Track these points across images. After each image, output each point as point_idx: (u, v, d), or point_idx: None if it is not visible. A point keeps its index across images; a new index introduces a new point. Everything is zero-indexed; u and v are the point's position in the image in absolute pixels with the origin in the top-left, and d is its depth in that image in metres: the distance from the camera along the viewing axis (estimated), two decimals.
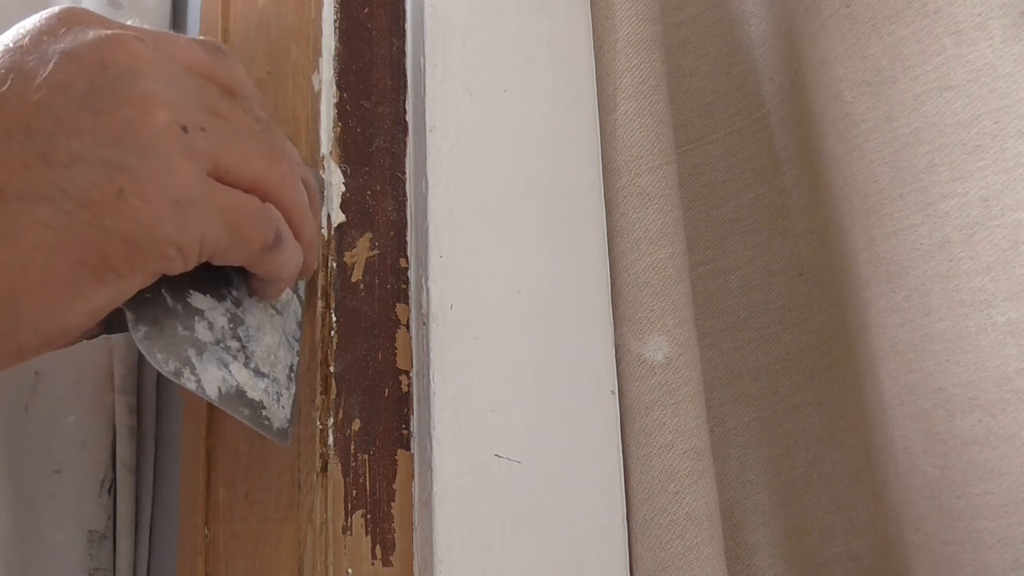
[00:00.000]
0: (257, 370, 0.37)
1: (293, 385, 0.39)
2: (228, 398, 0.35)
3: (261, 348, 0.37)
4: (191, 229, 0.30)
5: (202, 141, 0.31)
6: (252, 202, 0.33)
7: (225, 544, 0.42)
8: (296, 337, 0.40)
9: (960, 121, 0.45)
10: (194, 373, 0.34)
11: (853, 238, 0.49)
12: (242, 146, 0.32)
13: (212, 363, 0.35)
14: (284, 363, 0.38)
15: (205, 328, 0.35)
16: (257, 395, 0.37)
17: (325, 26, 0.44)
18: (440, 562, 0.39)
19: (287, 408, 0.38)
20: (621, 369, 0.49)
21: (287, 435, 0.38)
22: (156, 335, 0.33)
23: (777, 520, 0.57)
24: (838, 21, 0.49)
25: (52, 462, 0.48)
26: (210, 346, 0.35)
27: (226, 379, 0.35)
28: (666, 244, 0.50)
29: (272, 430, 0.37)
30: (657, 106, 0.52)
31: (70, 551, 0.47)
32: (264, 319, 0.38)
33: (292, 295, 0.40)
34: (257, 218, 0.33)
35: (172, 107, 0.30)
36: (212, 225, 0.31)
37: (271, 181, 0.34)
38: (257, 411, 0.37)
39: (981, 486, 0.43)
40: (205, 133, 0.31)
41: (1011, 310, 0.43)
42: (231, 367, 0.36)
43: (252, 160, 0.33)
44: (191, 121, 0.31)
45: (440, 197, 0.43)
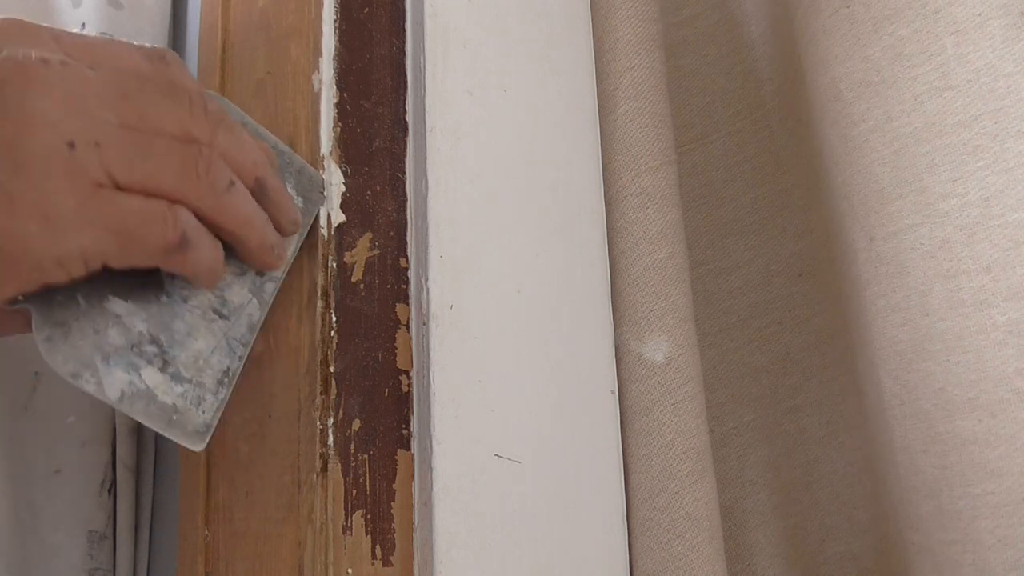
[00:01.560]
0: (176, 375, 0.37)
1: (224, 390, 0.39)
2: (132, 400, 0.35)
3: (187, 353, 0.37)
4: (65, 242, 0.31)
5: (92, 156, 0.31)
6: (148, 207, 0.33)
7: (225, 544, 0.42)
8: (244, 342, 0.39)
9: (960, 121, 0.45)
10: (95, 376, 0.35)
11: (853, 238, 0.49)
12: (148, 160, 0.33)
13: (119, 367, 0.35)
14: (216, 368, 0.38)
15: (118, 333, 0.35)
16: (170, 399, 0.37)
17: (325, 26, 0.44)
18: (440, 562, 0.39)
19: (208, 413, 0.38)
20: (621, 369, 0.49)
21: (202, 438, 0.38)
22: (60, 338, 0.34)
23: (777, 520, 0.57)
24: (838, 21, 0.49)
25: (52, 462, 0.48)
26: (120, 350, 0.35)
27: (133, 383, 0.36)
28: (666, 244, 0.50)
29: (184, 432, 0.37)
30: (657, 106, 0.52)
31: (70, 551, 0.47)
32: (199, 324, 0.38)
33: (250, 298, 0.39)
34: (153, 223, 0.33)
35: (57, 125, 0.31)
36: (93, 237, 0.32)
37: (183, 192, 0.34)
38: (167, 414, 0.37)
39: (981, 486, 0.43)
40: (99, 148, 0.31)
41: (1011, 310, 0.43)
42: (142, 371, 0.36)
43: (159, 173, 0.33)
44: (82, 137, 0.31)
45: (440, 197, 0.43)
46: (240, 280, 0.39)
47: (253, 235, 0.37)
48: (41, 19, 0.52)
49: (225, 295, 0.39)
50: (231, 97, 0.48)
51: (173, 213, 0.33)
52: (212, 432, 0.38)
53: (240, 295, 0.39)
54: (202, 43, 0.51)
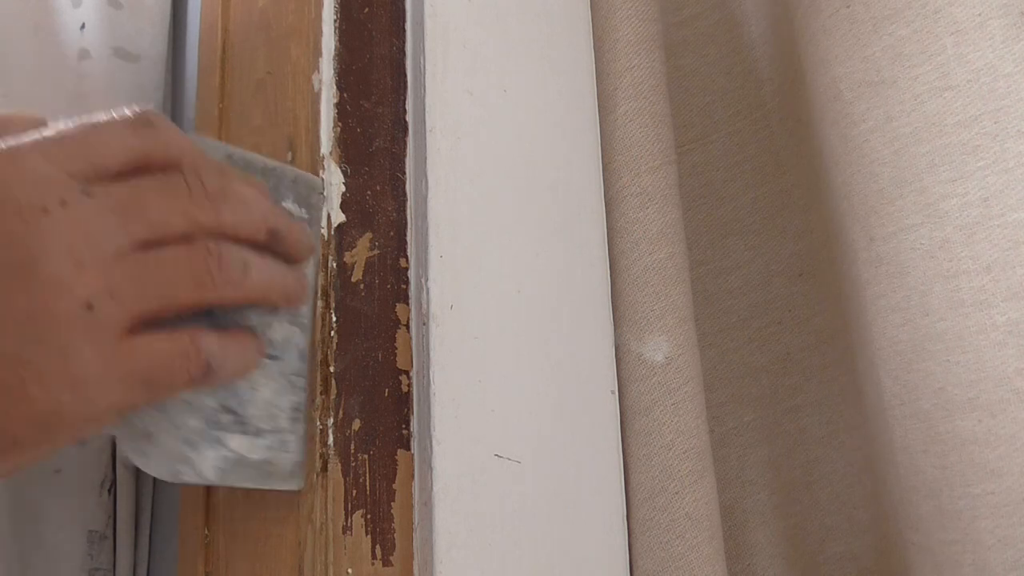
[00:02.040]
0: (256, 431, 0.38)
1: (300, 425, 0.39)
2: (228, 473, 0.36)
3: (258, 407, 0.38)
4: (95, 403, 0.31)
5: (111, 310, 0.31)
6: (171, 347, 0.33)
7: (225, 544, 0.42)
8: (300, 373, 0.40)
9: (960, 121, 0.45)
10: (192, 467, 0.36)
11: (853, 238, 0.49)
12: (163, 286, 0.33)
13: (208, 447, 0.36)
14: (287, 408, 0.39)
15: (193, 418, 0.36)
16: (259, 455, 0.38)
17: (325, 26, 0.44)
18: (440, 562, 0.39)
19: (295, 451, 0.39)
20: (621, 369, 0.49)
21: (298, 477, 0.39)
22: (149, 447, 0.35)
23: (777, 520, 0.57)
24: (838, 21, 0.49)
25: (52, 462, 0.48)
26: (202, 432, 0.36)
27: (224, 456, 0.36)
28: (666, 244, 0.50)
29: (282, 478, 0.38)
30: (657, 106, 0.52)
31: (70, 551, 0.47)
32: (257, 376, 0.38)
33: (292, 329, 0.40)
34: (179, 365, 0.33)
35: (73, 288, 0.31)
36: (122, 391, 0.32)
37: (203, 297, 0.34)
38: (262, 470, 0.38)
39: (981, 486, 0.43)
40: (115, 298, 0.31)
41: (1011, 310, 0.43)
42: (227, 441, 0.37)
43: (178, 295, 0.33)
44: (97, 293, 0.31)
45: (440, 197, 0.43)
46: (277, 316, 0.39)
47: (276, 293, 0.37)
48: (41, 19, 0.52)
49: (269, 336, 0.39)
50: (231, 97, 0.48)
51: (196, 345, 0.34)
52: (304, 466, 0.39)
53: (282, 330, 0.39)
54: (202, 43, 0.51)
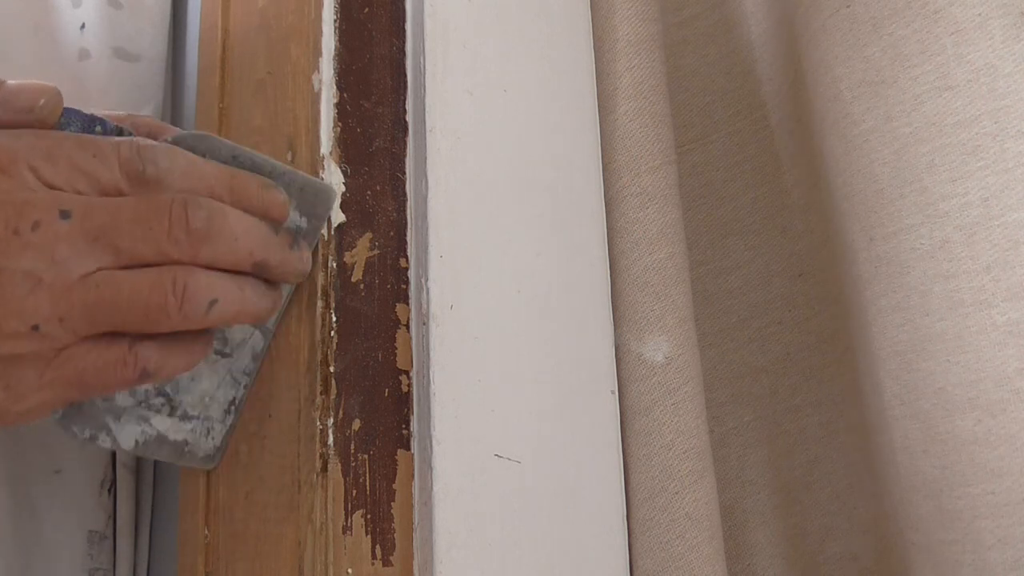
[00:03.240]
0: (184, 415, 0.39)
1: (231, 416, 0.41)
2: (145, 446, 0.38)
3: (193, 396, 0.40)
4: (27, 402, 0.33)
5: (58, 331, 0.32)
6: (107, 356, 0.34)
7: (225, 544, 0.42)
8: (248, 372, 0.41)
9: (960, 121, 0.45)
10: (110, 435, 0.37)
11: (853, 238, 0.49)
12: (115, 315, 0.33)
13: (131, 422, 0.38)
14: (223, 400, 0.41)
15: (125, 395, 0.38)
16: (180, 436, 0.39)
17: (325, 26, 0.44)
18: (440, 562, 0.39)
19: (218, 438, 0.41)
20: (621, 369, 0.49)
21: (212, 459, 0.41)
22: (74, 413, 0.36)
23: (777, 520, 0.57)
24: (838, 21, 0.49)
25: (52, 462, 0.48)
26: (130, 409, 0.38)
27: (145, 431, 0.38)
28: (666, 244, 0.50)
29: (196, 459, 0.40)
30: (657, 106, 0.52)
31: (70, 551, 0.47)
32: (202, 368, 0.40)
33: (252, 331, 0.41)
34: (114, 371, 0.34)
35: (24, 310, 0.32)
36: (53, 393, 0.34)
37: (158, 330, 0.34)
38: (179, 448, 0.40)
39: (981, 486, 0.43)
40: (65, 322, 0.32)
41: (1011, 310, 0.43)
42: (152, 420, 0.38)
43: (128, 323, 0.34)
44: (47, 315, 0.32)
45: (440, 197, 0.43)
46: None
47: (245, 317, 0.37)
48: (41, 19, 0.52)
49: (227, 335, 0.40)
50: (231, 97, 0.48)
51: (134, 354, 0.34)
52: (223, 451, 0.41)
53: (241, 331, 0.40)
54: (202, 43, 0.51)
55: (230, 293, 0.35)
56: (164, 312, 0.34)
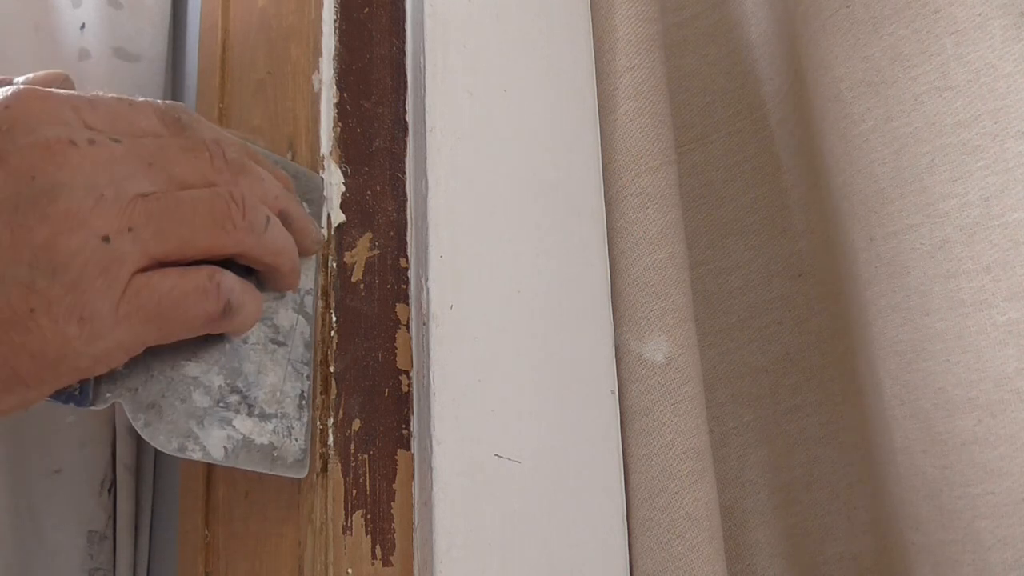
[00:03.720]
0: (263, 414, 0.38)
1: (305, 413, 0.39)
2: (235, 454, 0.36)
3: (264, 391, 0.38)
4: (102, 342, 0.31)
5: (127, 244, 0.31)
6: (187, 284, 0.33)
7: (225, 544, 0.42)
8: (305, 361, 0.40)
9: (960, 121, 0.45)
10: (198, 443, 0.35)
11: (853, 238, 0.49)
12: (183, 225, 0.33)
13: (214, 426, 0.36)
14: (293, 394, 0.39)
15: (202, 394, 0.36)
16: (266, 439, 0.37)
17: (325, 26, 0.44)
18: (440, 562, 0.39)
19: (300, 439, 0.39)
20: (621, 369, 0.49)
21: (303, 465, 0.39)
22: (156, 419, 0.35)
23: (777, 520, 0.57)
24: (838, 21, 0.49)
25: (52, 462, 0.48)
26: (210, 410, 0.36)
27: (231, 436, 0.36)
28: (666, 244, 0.50)
29: (287, 465, 0.38)
30: (657, 106, 0.52)
31: (70, 551, 0.47)
32: (264, 359, 0.38)
33: (297, 316, 0.40)
34: (196, 300, 0.33)
35: (91, 221, 0.30)
36: (131, 329, 0.31)
37: (224, 244, 0.34)
38: (268, 454, 0.38)
39: (981, 486, 0.43)
40: (133, 232, 0.31)
41: (1011, 310, 0.43)
42: (234, 422, 0.37)
43: (197, 236, 0.33)
44: (116, 226, 0.31)
45: (440, 197, 0.43)
46: (282, 303, 0.39)
47: (287, 263, 0.37)
48: (41, 19, 0.52)
49: (276, 322, 0.39)
50: (231, 97, 0.48)
51: (215, 283, 0.33)
52: (308, 455, 0.39)
53: (288, 318, 0.39)
54: (202, 43, 0.51)
55: (279, 224, 0.36)
56: (230, 220, 0.34)
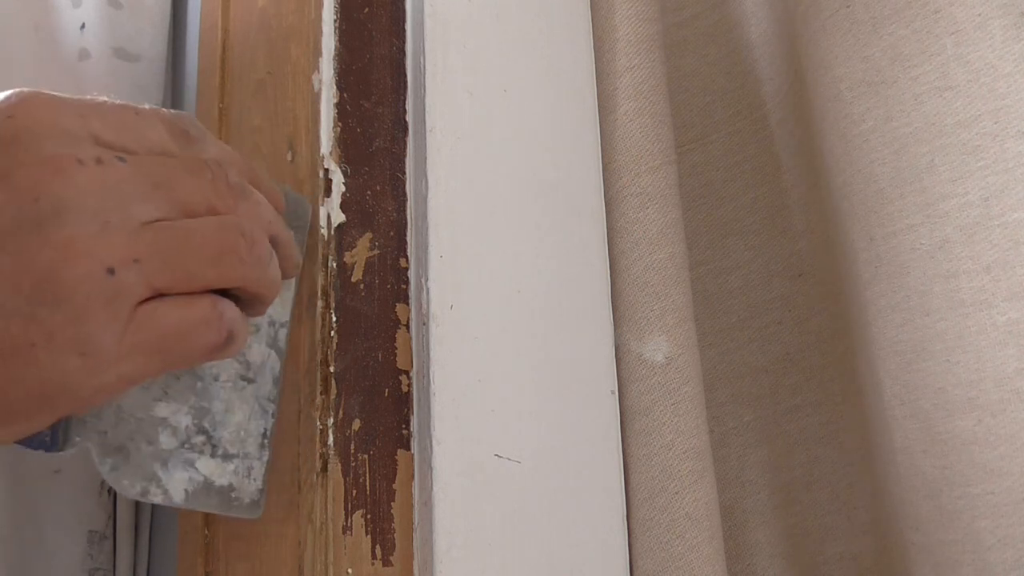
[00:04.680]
0: (225, 454, 0.37)
1: (266, 452, 0.39)
2: (195, 496, 0.36)
3: (229, 430, 0.38)
4: (105, 373, 0.30)
5: (131, 277, 0.30)
6: (192, 315, 0.32)
7: (225, 544, 0.42)
8: (272, 398, 0.39)
9: (960, 121, 0.45)
10: (160, 486, 0.35)
11: (853, 238, 0.49)
12: (190, 259, 0.32)
13: (178, 468, 0.36)
14: (256, 433, 0.39)
15: (169, 435, 0.36)
16: (225, 480, 0.37)
17: (325, 26, 0.44)
18: (440, 562, 0.39)
19: (259, 479, 0.38)
20: (621, 369, 0.49)
21: (259, 506, 0.38)
22: (122, 463, 0.34)
23: (777, 520, 0.57)
24: (838, 21, 0.49)
25: (52, 462, 0.48)
26: (175, 452, 0.36)
27: (192, 478, 0.36)
28: (666, 244, 0.50)
29: (243, 506, 0.38)
30: (657, 106, 0.52)
31: (70, 551, 0.47)
32: (232, 397, 0.38)
33: (269, 351, 0.39)
34: (198, 333, 0.32)
35: (97, 250, 0.29)
36: (134, 363, 0.31)
37: (229, 280, 0.33)
38: (226, 496, 0.37)
39: (981, 486, 0.43)
40: (138, 265, 0.30)
41: (1011, 310, 0.43)
42: (197, 464, 0.36)
43: (204, 270, 0.32)
44: (121, 257, 0.30)
45: (440, 197, 0.43)
46: (256, 337, 0.39)
47: (273, 294, 0.36)
48: (41, 19, 0.52)
49: (248, 358, 0.39)
50: (231, 97, 0.48)
51: (218, 313, 0.32)
52: (265, 496, 0.39)
53: (260, 353, 0.39)
54: (202, 43, 0.51)
55: (275, 258, 0.35)
56: (236, 254, 0.33)
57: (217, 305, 0.32)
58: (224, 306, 0.33)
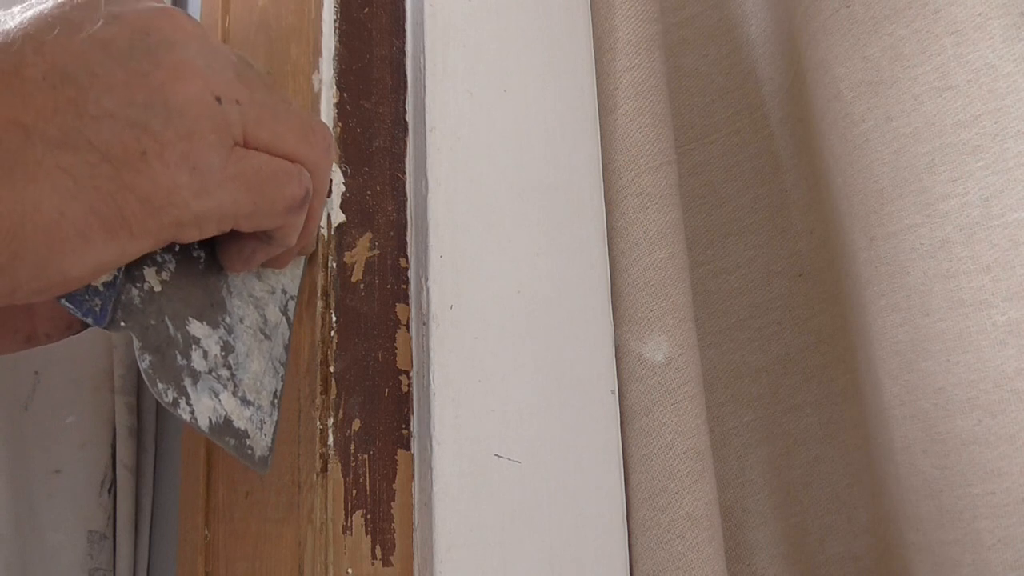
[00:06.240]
0: (244, 398, 0.37)
1: (276, 412, 0.39)
2: (217, 428, 0.36)
3: (249, 376, 0.38)
4: (208, 198, 0.31)
5: (235, 113, 0.32)
6: (280, 164, 0.34)
7: (225, 544, 0.42)
8: (282, 362, 0.40)
9: (960, 121, 0.45)
10: (189, 403, 0.35)
11: (853, 238, 0.49)
12: (278, 123, 0.34)
13: (205, 393, 0.36)
14: (269, 390, 0.39)
15: (200, 357, 0.36)
16: (243, 424, 0.37)
17: (325, 26, 0.44)
18: (440, 562, 0.39)
19: (268, 436, 0.39)
20: (621, 369, 0.49)
21: (267, 463, 0.39)
22: (159, 364, 0.34)
23: (777, 520, 0.57)
24: (838, 21, 0.49)
25: (52, 462, 0.48)
26: (203, 375, 0.36)
27: (216, 409, 0.36)
28: (666, 244, 0.50)
29: (254, 459, 0.38)
30: (657, 106, 0.52)
31: (70, 551, 0.47)
32: (253, 345, 0.38)
33: (281, 317, 0.40)
34: (286, 179, 0.34)
35: (207, 78, 0.31)
36: (232, 193, 0.32)
37: (304, 154, 0.35)
38: (242, 440, 0.37)
39: (981, 486, 0.43)
40: (240, 106, 0.32)
41: (1011, 310, 0.43)
42: (221, 396, 0.36)
43: (287, 138, 0.34)
44: (226, 93, 0.32)
45: (440, 197, 0.43)
46: (272, 299, 0.40)
47: (293, 232, 0.37)
48: None
49: (266, 314, 0.39)
50: None
51: (299, 170, 0.34)
52: (272, 454, 0.39)
53: (274, 314, 0.40)
54: None
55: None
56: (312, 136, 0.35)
57: (295, 163, 0.34)
58: (302, 168, 0.35)
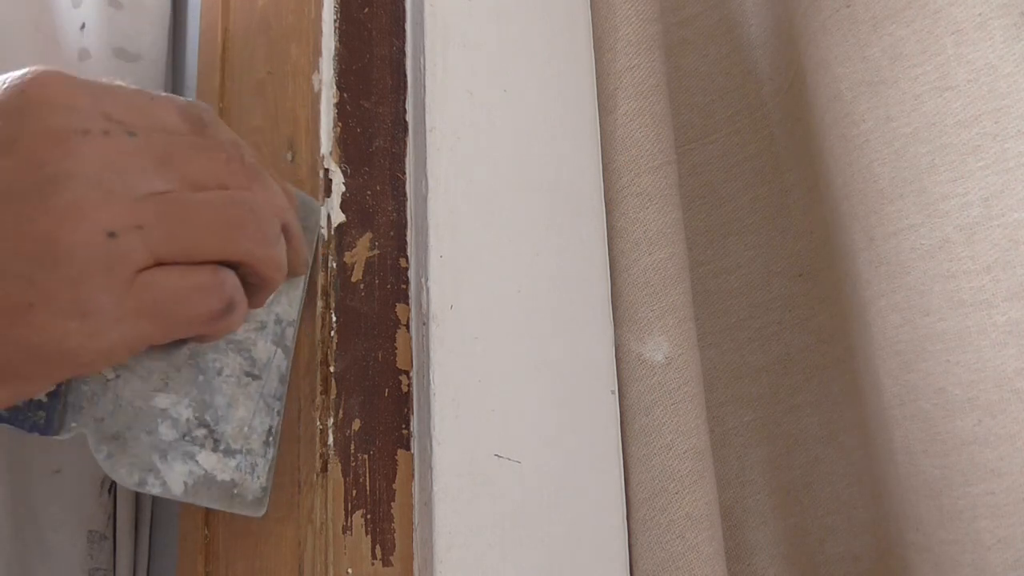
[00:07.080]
0: (228, 449, 0.37)
1: (271, 449, 0.39)
2: (195, 489, 0.36)
3: (232, 425, 0.37)
4: (105, 338, 0.30)
5: (134, 242, 0.30)
6: (193, 281, 0.32)
7: (225, 544, 0.42)
8: (278, 396, 0.39)
9: (960, 121, 0.45)
10: (158, 477, 0.35)
11: (853, 238, 0.49)
12: (195, 230, 0.32)
13: (177, 460, 0.35)
14: (260, 430, 0.38)
15: (169, 427, 0.35)
16: (227, 475, 0.37)
17: (325, 26, 0.44)
18: (440, 562, 0.39)
19: (263, 476, 0.38)
20: (621, 369, 0.49)
21: (262, 504, 0.38)
22: (119, 451, 0.34)
23: (777, 520, 0.57)
24: (838, 21, 0.49)
25: (52, 462, 0.48)
26: (175, 443, 0.35)
27: (192, 471, 0.36)
28: (666, 244, 0.50)
29: (246, 503, 0.37)
30: (657, 106, 0.52)
31: (70, 551, 0.47)
32: (236, 392, 0.38)
33: (275, 349, 0.39)
34: (200, 297, 0.32)
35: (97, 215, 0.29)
36: (134, 327, 0.31)
37: (233, 254, 0.33)
38: (228, 491, 0.37)
39: (981, 486, 0.43)
40: (142, 231, 0.30)
41: (1011, 310, 0.43)
42: (198, 457, 0.36)
43: (208, 242, 0.32)
44: (124, 222, 0.30)
45: (440, 197, 0.43)
46: (262, 334, 0.39)
47: (279, 281, 0.36)
48: (41, 19, 0.52)
49: (252, 355, 0.38)
50: (231, 97, 0.48)
51: (219, 280, 0.32)
52: (269, 494, 0.38)
53: (265, 350, 0.39)
54: (202, 43, 0.51)
55: (283, 240, 0.35)
56: (244, 228, 0.33)
57: (218, 273, 0.32)
58: (225, 274, 0.33)
